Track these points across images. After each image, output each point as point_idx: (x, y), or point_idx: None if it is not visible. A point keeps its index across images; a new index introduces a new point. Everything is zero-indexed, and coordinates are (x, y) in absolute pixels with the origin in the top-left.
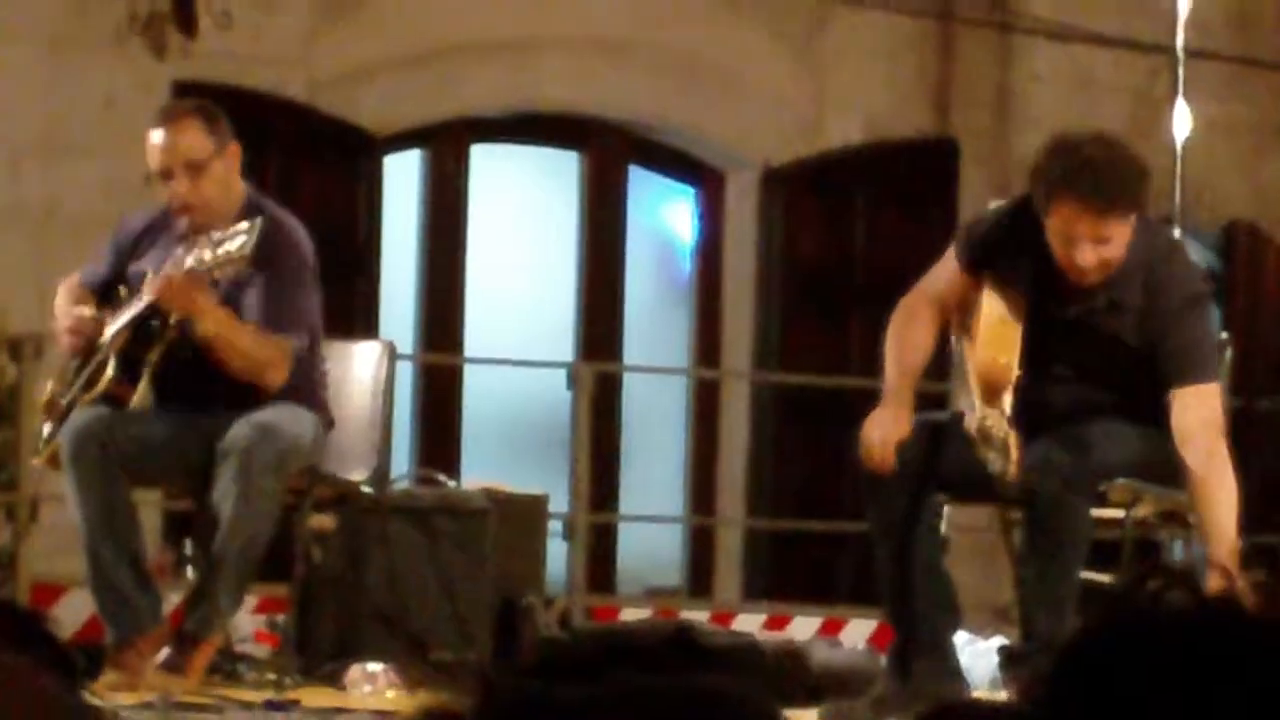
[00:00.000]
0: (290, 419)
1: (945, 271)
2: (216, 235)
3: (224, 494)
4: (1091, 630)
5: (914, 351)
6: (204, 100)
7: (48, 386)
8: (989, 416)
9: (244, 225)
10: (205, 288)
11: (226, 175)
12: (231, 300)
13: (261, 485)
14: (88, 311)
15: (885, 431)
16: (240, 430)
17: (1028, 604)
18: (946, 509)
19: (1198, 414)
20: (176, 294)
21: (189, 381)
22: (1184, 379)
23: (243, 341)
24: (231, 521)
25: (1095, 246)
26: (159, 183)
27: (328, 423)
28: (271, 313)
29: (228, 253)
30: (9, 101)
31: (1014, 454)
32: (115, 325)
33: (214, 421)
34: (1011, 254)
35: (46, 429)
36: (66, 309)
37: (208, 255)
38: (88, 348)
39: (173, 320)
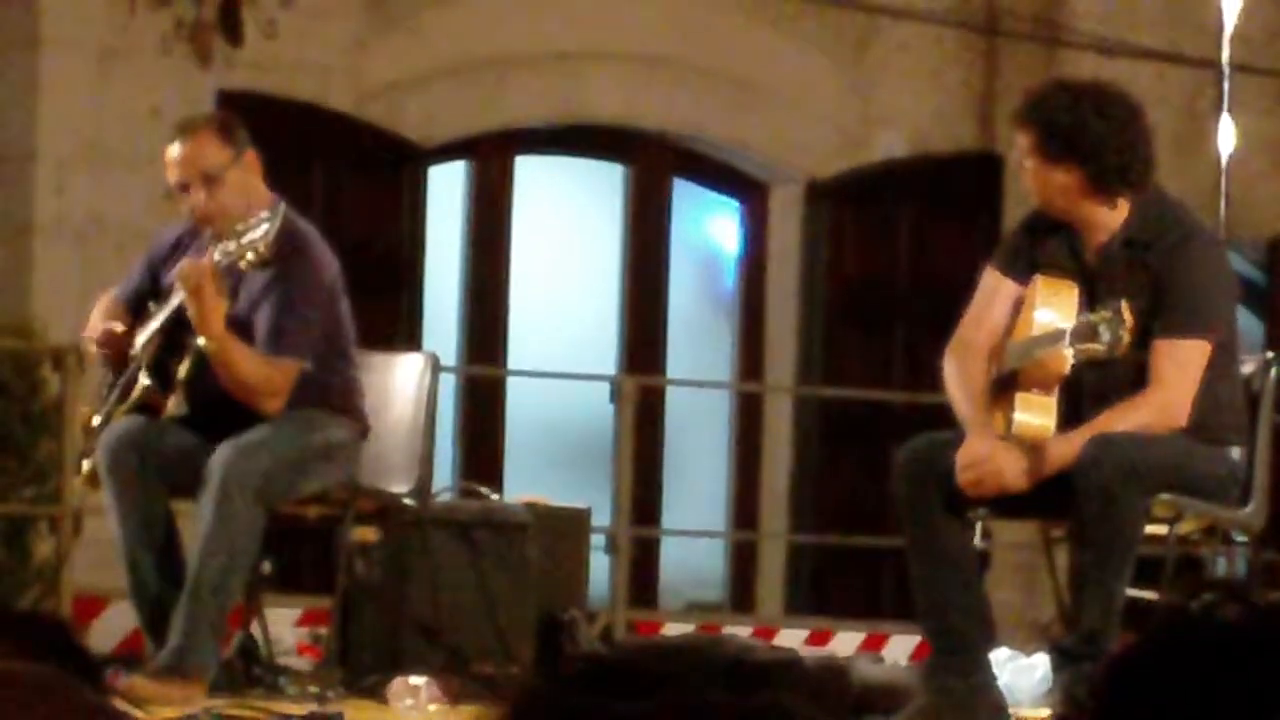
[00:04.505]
0: (285, 439)
1: (985, 297)
2: (240, 227)
3: (201, 520)
4: (1141, 645)
5: (979, 381)
6: (220, 111)
7: (85, 411)
8: (1091, 315)
9: (264, 214)
10: (221, 286)
11: (245, 183)
12: (245, 320)
13: (238, 511)
14: (118, 326)
15: (984, 457)
16: (220, 454)
17: (1077, 599)
18: (989, 526)
19: (1175, 370)
20: (192, 275)
21: (219, 394)
22: (1165, 332)
23: (241, 366)
24: (206, 548)
25: (1024, 165)
26: (178, 196)
27: (361, 429)
28: (277, 335)
29: (251, 240)
30: (55, 112)
31: (1127, 320)
32: (146, 333)
33: (240, 432)
34: (1049, 240)
35: (84, 449)
36: (98, 324)
37: (232, 246)
38: (119, 360)
39: (190, 316)
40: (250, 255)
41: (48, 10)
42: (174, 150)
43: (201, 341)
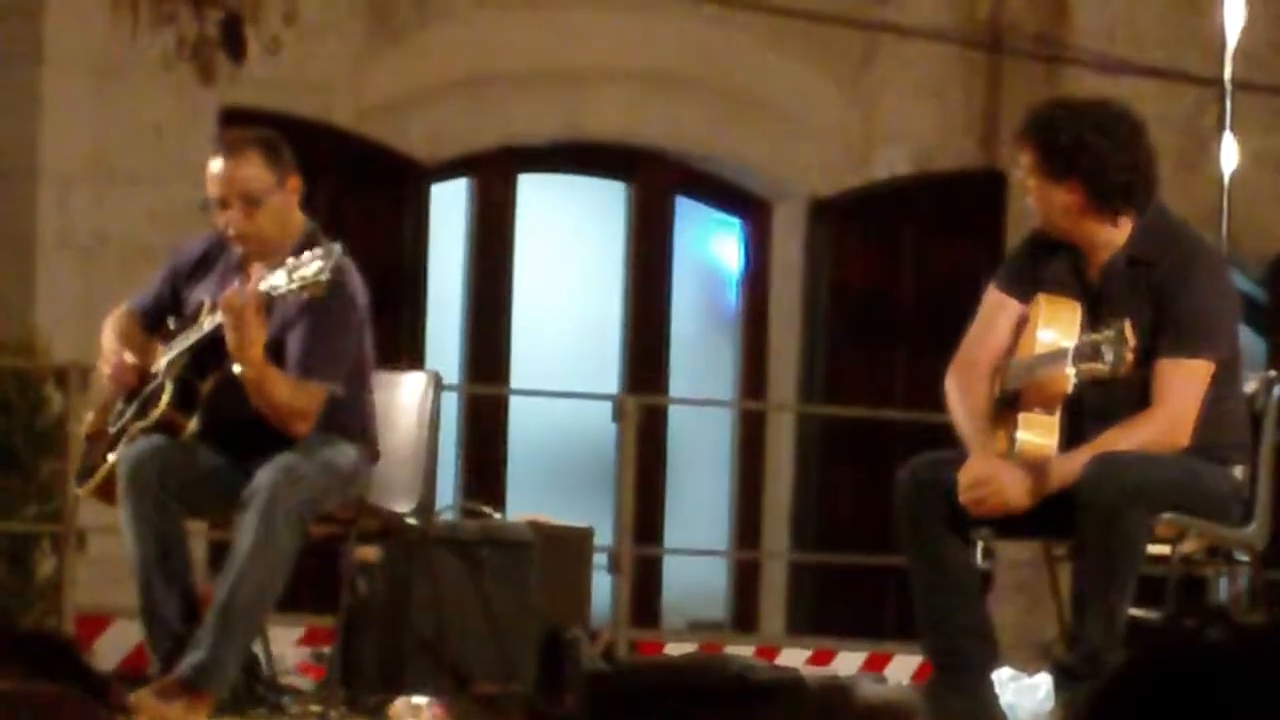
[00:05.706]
0: (319, 465)
1: (988, 316)
2: (292, 261)
3: (243, 539)
4: (1130, 667)
5: (982, 400)
6: (269, 130)
7: (88, 418)
8: (1094, 334)
9: (320, 250)
10: (265, 317)
11: (285, 209)
12: (275, 340)
13: (281, 535)
14: (130, 357)
15: (986, 477)
16: (266, 475)
17: (1079, 618)
18: (991, 545)
19: (1178, 389)
20: (235, 302)
21: (238, 414)
22: (1168, 351)
23: (277, 393)
24: (246, 568)
25: (1027, 184)
26: (216, 209)
27: (373, 455)
28: (309, 359)
29: (304, 278)
30: (57, 129)
31: (1130, 339)
32: (173, 352)
33: (261, 452)
34: (1052, 259)
35: (85, 457)
36: (112, 348)
37: (283, 280)
38: (129, 393)
39: (229, 342)
40: (304, 294)
41: (50, 27)
42: (217, 165)
43: (238, 369)
